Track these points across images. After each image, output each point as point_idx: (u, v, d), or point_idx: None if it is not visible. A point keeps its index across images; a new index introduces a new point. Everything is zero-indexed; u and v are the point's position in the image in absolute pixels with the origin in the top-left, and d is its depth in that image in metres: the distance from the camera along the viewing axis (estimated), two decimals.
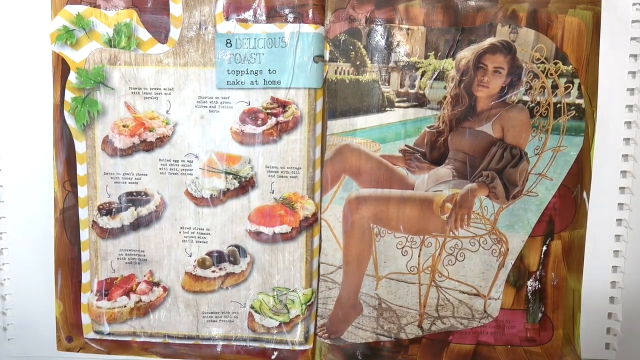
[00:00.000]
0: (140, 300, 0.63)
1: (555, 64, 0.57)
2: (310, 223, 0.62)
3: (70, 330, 0.64)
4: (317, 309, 0.63)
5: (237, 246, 0.62)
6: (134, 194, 0.62)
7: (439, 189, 0.60)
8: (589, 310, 0.62)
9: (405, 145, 0.60)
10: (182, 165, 0.61)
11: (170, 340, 0.64)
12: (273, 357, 0.64)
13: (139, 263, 0.63)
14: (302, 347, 0.63)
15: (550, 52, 0.57)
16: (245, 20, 0.59)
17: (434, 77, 0.58)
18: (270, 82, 0.59)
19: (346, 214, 0.61)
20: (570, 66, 0.57)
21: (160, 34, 0.60)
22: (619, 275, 0.62)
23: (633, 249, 0.61)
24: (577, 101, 0.58)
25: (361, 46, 0.59)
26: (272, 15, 0.59)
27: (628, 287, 0.62)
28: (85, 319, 0.64)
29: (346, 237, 0.61)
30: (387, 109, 0.59)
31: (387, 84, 0.59)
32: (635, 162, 0.60)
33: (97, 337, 0.64)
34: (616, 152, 0.60)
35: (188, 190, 0.61)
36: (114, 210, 0.62)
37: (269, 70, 0.59)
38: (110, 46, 0.59)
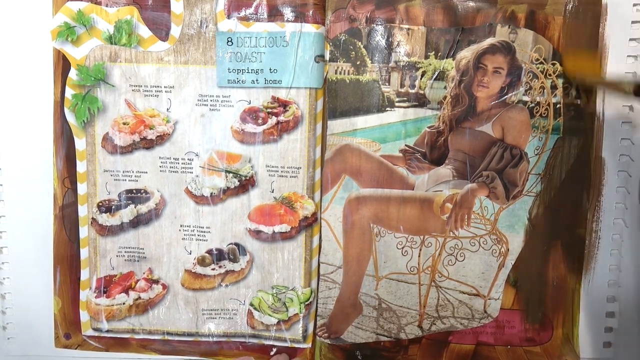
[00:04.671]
0: (140, 298, 0.65)
1: (554, 64, 0.60)
2: (310, 223, 0.64)
3: (68, 327, 0.67)
4: (316, 309, 0.65)
5: (236, 244, 0.65)
6: (134, 191, 0.64)
7: (439, 189, 0.62)
8: (588, 310, 0.64)
9: (406, 145, 0.63)
10: (182, 164, 0.64)
11: (170, 337, 0.67)
12: (272, 353, 0.66)
13: (138, 260, 0.66)
14: (300, 346, 0.66)
15: (549, 52, 0.60)
16: (246, 19, 0.62)
17: (434, 77, 0.61)
18: (271, 81, 0.62)
19: (346, 214, 0.63)
20: None
21: (161, 31, 0.62)
22: (617, 274, 0.64)
23: (630, 248, 0.64)
24: (576, 101, 0.61)
25: (361, 46, 0.61)
26: (274, 14, 0.61)
27: (625, 285, 0.65)
28: (84, 316, 0.66)
29: (346, 237, 0.64)
30: (387, 108, 0.62)
31: (387, 84, 0.62)
32: (632, 162, 0.63)
33: (96, 334, 0.67)
34: (615, 151, 0.62)
35: (188, 189, 0.64)
36: (113, 207, 0.64)
37: (270, 69, 0.62)
38: (111, 43, 0.62)
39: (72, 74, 0.63)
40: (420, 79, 0.61)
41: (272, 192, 0.64)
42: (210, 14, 0.62)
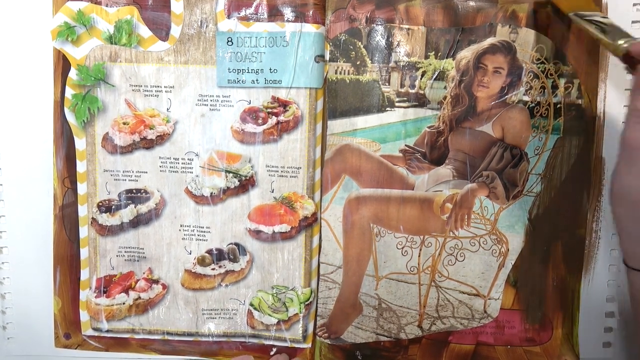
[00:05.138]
0: (140, 298, 0.66)
1: (555, 64, 0.61)
2: (310, 223, 0.65)
3: (68, 327, 0.67)
4: (316, 309, 0.66)
5: (236, 244, 0.65)
6: (134, 191, 0.65)
7: (439, 189, 0.63)
8: (588, 309, 0.65)
9: (406, 145, 0.63)
10: (182, 163, 0.64)
11: (170, 337, 0.67)
12: (272, 353, 0.67)
13: (138, 260, 0.66)
14: (300, 346, 0.67)
15: (550, 52, 0.60)
16: (246, 19, 0.62)
17: (434, 77, 0.61)
18: (271, 81, 0.62)
19: (346, 214, 0.64)
20: (570, 66, 0.61)
21: (161, 31, 0.63)
22: (617, 274, 0.65)
23: None
24: (577, 101, 0.61)
25: (361, 46, 0.62)
26: (274, 14, 0.62)
27: (625, 285, 0.63)
28: (84, 316, 0.67)
29: (346, 237, 0.64)
30: (387, 108, 0.62)
31: (387, 84, 0.62)
32: None
33: (96, 334, 0.67)
34: (615, 152, 0.62)
35: (188, 189, 0.64)
36: (113, 207, 0.65)
37: (270, 69, 0.62)
38: (111, 43, 0.62)
39: (72, 74, 0.63)
40: (420, 79, 0.62)
41: (272, 192, 0.65)
42: (210, 14, 0.62)
